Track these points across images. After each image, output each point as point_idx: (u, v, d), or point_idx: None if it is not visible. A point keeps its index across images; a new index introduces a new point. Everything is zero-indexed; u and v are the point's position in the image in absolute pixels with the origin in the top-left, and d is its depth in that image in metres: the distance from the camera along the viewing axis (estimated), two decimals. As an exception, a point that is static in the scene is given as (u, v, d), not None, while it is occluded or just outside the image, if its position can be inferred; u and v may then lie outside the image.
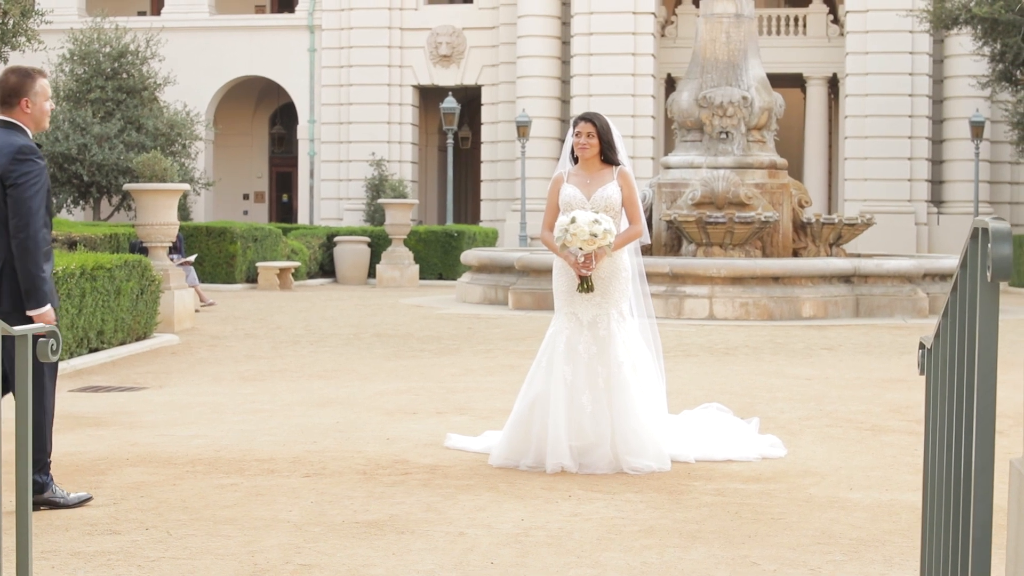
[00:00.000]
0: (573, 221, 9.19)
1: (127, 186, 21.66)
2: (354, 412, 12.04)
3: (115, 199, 41.23)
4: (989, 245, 3.43)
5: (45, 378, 7.84)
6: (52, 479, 7.96)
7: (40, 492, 7.74)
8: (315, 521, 7.60)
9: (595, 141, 9.53)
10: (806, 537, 7.31)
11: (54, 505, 7.85)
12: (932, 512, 4.78)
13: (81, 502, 7.99)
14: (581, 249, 9.25)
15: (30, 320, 7.61)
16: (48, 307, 7.68)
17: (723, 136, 26.86)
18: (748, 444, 9.88)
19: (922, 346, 5.03)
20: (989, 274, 3.45)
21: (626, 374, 9.34)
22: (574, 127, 9.58)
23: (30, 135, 7.91)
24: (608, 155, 9.53)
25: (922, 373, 5.04)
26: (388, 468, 9.25)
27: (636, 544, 7.13)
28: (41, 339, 5.32)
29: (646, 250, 10.20)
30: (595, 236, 9.16)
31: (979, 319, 3.62)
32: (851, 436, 10.86)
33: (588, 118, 9.61)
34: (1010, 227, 3.45)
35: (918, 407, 12.58)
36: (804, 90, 49.95)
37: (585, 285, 9.37)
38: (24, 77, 7.92)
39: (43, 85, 7.95)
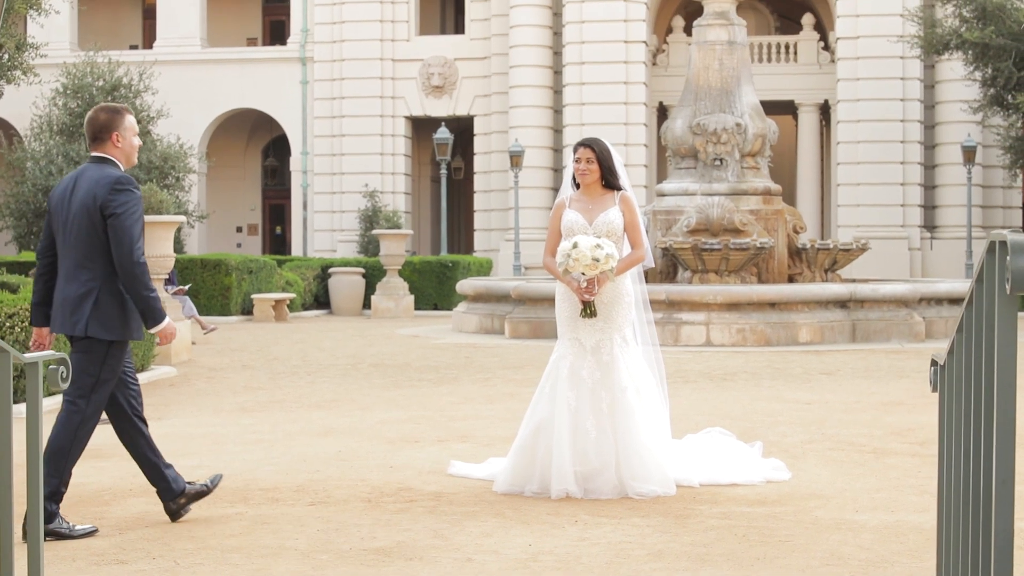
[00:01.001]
0: (575, 246, 9.20)
1: (123, 219, 21.63)
2: (356, 441, 12.02)
3: (109, 233, 41.20)
4: (1008, 257, 3.43)
5: (91, 409, 8.07)
6: (59, 511, 7.99)
7: (48, 522, 7.75)
8: (322, 549, 7.59)
9: (595, 166, 9.54)
10: (815, 559, 7.30)
11: (59, 536, 7.86)
12: (948, 529, 4.77)
13: (87, 534, 7.99)
14: (583, 274, 9.26)
15: (117, 343, 8.03)
16: (167, 321, 8.10)
17: (717, 163, 26.91)
18: (752, 468, 9.87)
19: (935, 363, 5.03)
20: (1008, 286, 3.45)
21: (630, 399, 9.33)
22: (574, 152, 9.60)
23: (122, 169, 8.20)
24: (609, 180, 9.54)
25: (935, 390, 5.04)
26: (393, 496, 9.23)
27: (645, 568, 7.12)
28: (51, 367, 5.32)
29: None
30: (597, 261, 9.17)
31: (998, 330, 3.62)
32: (854, 459, 10.85)
33: (587, 143, 9.62)
34: (1028, 240, 3.45)
35: (920, 429, 12.60)
36: (796, 117, 50.05)
37: (588, 310, 9.37)
38: (113, 114, 8.23)
39: (131, 121, 8.29)
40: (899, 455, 11.05)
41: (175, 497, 8.38)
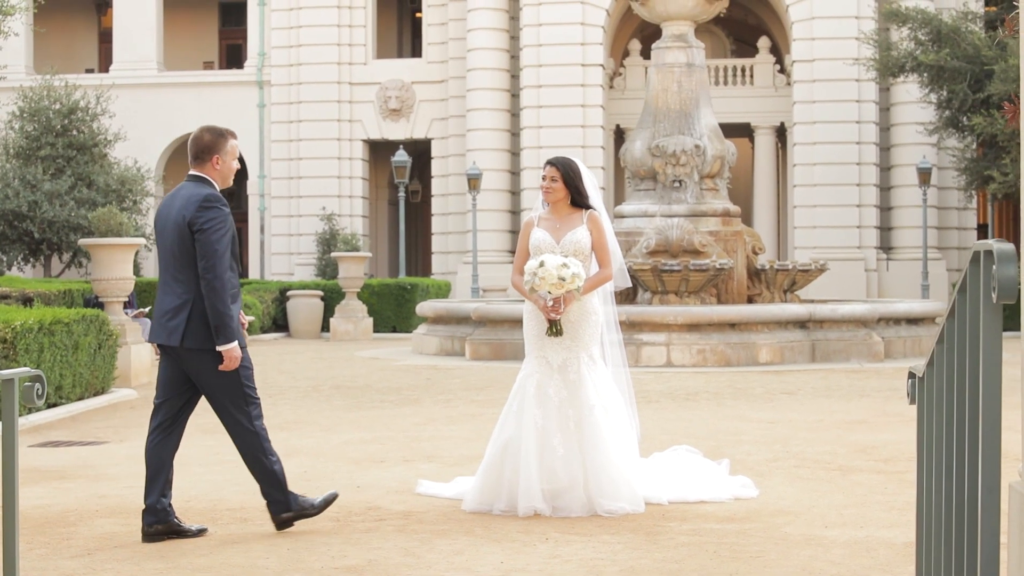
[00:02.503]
0: (542, 265, 9.21)
1: (82, 241, 21.56)
2: (320, 462, 11.99)
3: (66, 256, 41.00)
4: (995, 266, 3.46)
5: (248, 407, 8.60)
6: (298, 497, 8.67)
7: (288, 508, 8.58)
8: (293, 567, 7.56)
9: (559, 185, 9.56)
10: (787, 574, 7.32)
11: (304, 515, 8.63)
12: (928, 540, 4.79)
13: (327, 503, 8.76)
14: (550, 293, 9.26)
15: (215, 356, 8.33)
16: (235, 343, 8.33)
17: (676, 184, 26.98)
18: (720, 485, 9.89)
19: (912, 375, 5.05)
20: (995, 295, 3.48)
21: (597, 417, 9.34)
22: (543, 170, 9.63)
23: (217, 189, 8.52)
24: (577, 199, 9.56)
25: (913, 402, 5.06)
26: (361, 515, 9.21)
27: (618, 584, 7.12)
28: (26, 384, 5.30)
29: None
30: (563, 280, 9.18)
31: (983, 337, 3.64)
32: (820, 476, 10.89)
33: (553, 162, 9.65)
34: (1014, 249, 3.47)
35: (883, 447, 12.66)
36: (752, 139, 50.24)
37: (554, 329, 9.38)
38: (218, 136, 8.59)
39: (233, 145, 8.66)
40: (864, 472, 11.09)
41: (167, 520, 8.50)
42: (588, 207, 9.60)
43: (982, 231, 50.82)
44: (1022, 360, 4.21)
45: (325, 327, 37.75)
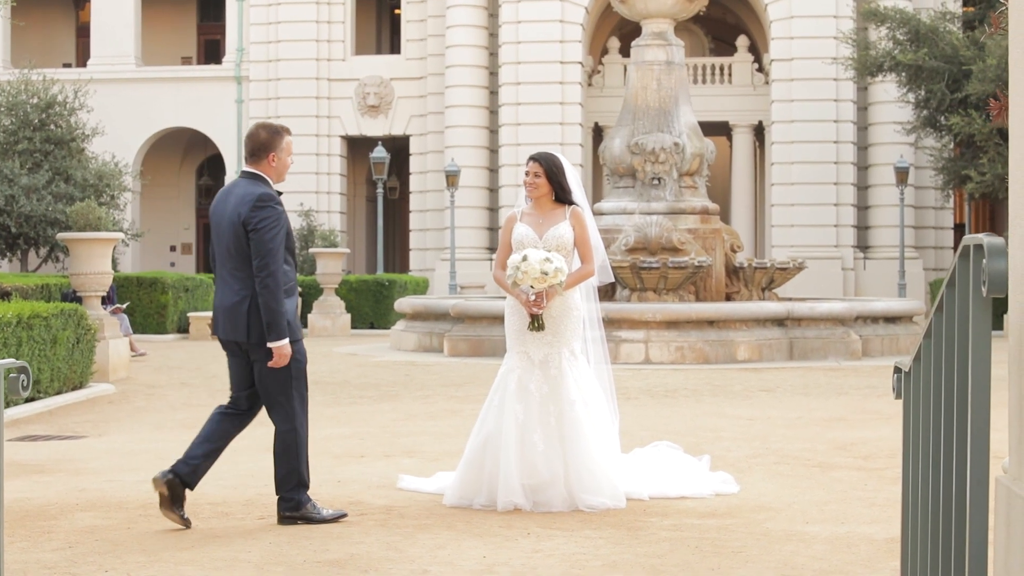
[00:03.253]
0: (525, 259, 9.21)
1: (61, 235, 21.52)
2: (301, 456, 11.96)
3: (43, 250, 40.85)
4: (985, 260, 3.47)
5: (296, 403, 8.69)
6: (309, 498, 8.74)
7: (296, 509, 8.62)
8: (276, 561, 7.56)
9: (542, 180, 9.56)
10: (769, 569, 7.34)
11: (309, 520, 8.60)
12: (914, 534, 4.80)
13: (336, 518, 8.71)
14: (532, 287, 9.27)
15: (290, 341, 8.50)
16: (286, 340, 8.49)
17: (655, 182, 27.01)
18: (701, 481, 9.91)
19: (898, 370, 5.07)
20: (984, 289, 3.49)
21: (578, 412, 9.34)
22: (526, 166, 9.63)
23: (272, 185, 8.66)
24: (560, 195, 9.57)
25: (898, 397, 5.08)
26: (343, 509, 9.20)
27: (601, 578, 7.14)
28: (11, 375, 5.30)
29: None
30: (546, 274, 9.18)
31: (972, 331, 3.65)
32: (800, 473, 10.92)
33: (536, 158, 9.65)
34: (1004, 242, 3.49)
35: (863, 444, 12.70)
36: (730, 138, 50.32)
37: (536, 324, 9.38)
38: (274, 134, 8.77)
39: (288, 142, 8.82)
40: (844, 469, 11.12)
41: (184, 483, 8.66)
42: (571, 203, 9.61)
43: (959, 231, 50.96)
44: (1008, 358, 4.23)
45: (303, 323, 37.69)
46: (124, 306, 27.58)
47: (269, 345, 8.48)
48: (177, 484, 8.57)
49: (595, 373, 9.66)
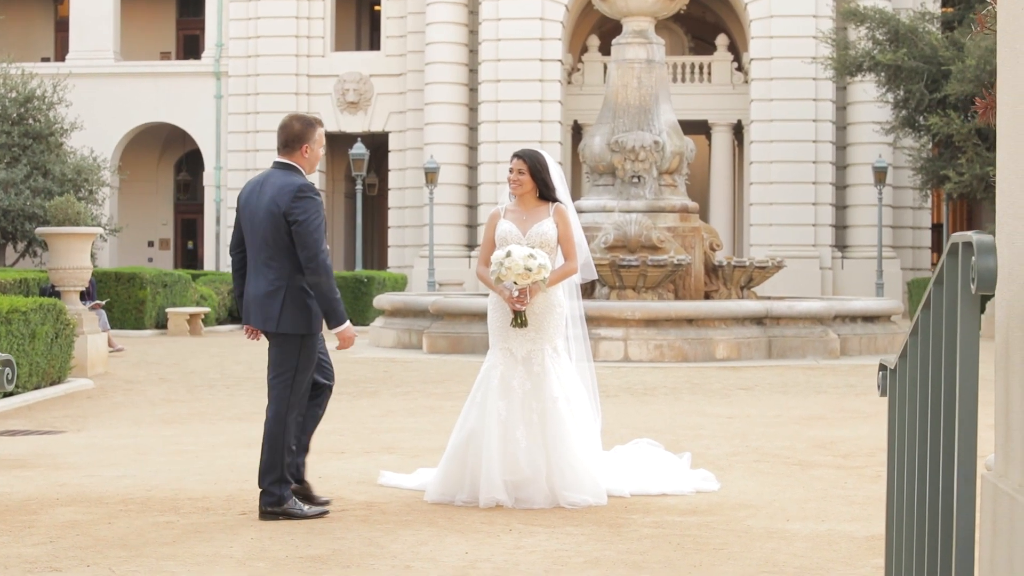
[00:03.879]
0: (508, 255, 9.22)
1: (40, 230, 21.46)
2: (281, 452, 11.94)
3: (21, 245, 40.76)
4: (974, 258, 3.48)
5: (295, 397, 8.83)
6: (292, 494, 8.78)
7: (278, 504, 8.65)
8: (258, 556, 7.55)
9: (526, 178, 9.56)
10: (751, 566, 7.35)
11: (291, 516, 8.63)
12: (899, 533, 4.82)
13: (319, 515, 8.75)
14: (516, 283, 9.27)
15: (309, 335, 8.73)
16: (348, 323, 8.81)
17: (635, 180, 27.03)
18: (682, 478, 9.93)
19: (883, 367, 5.08)
20: (974, 286, 3.50)
21: (561, 409, 9.35)
22: (510, 163, 9.64)
23: (305, 176, 8.82)
24: (544, 192, 9.58)
25: (884, 394, 5.09)
26: (324, 496, 9.20)
27: (583, 575, 7.14)
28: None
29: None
30: (529, 271, 9.19)
31: (960, 329, 3.67)
32: (780, 471, 10.94)
33: (520, 155, 9.65)
34: (993, 240, 3.51)
35: (842, 443, 12.73)
36: (709, 137, 50.38)
37: (519, 320, 9.39)
38: (307, 126, 8.90)
39: (321, 134, 8.95)
40: (824, 467, 11.15)
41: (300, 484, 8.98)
42: (555, 200, 9.62)
43: (937, 231, 51.12)
44: (995, 356, 4.25)
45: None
46: (104, 302, 27.51)
47: (332, 331, 8.78)
48: (299, 490, 8.90)
49: (578, 371, 9.67)
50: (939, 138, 37.13)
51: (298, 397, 8.86)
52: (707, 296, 26.68)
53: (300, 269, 8.67)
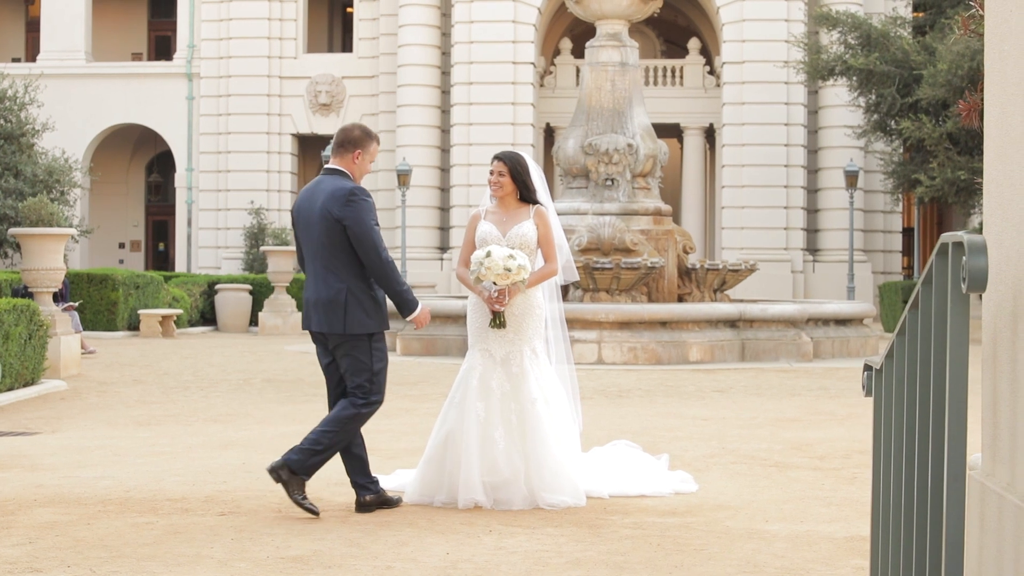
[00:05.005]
0: (488, 255, 9.24)
1: (13, 231, 21.38)
2: (258, 453, 11.95)
3: (-9, 246, 40.60)
4: (964, 257, 3.51)
5: (373, 395, 9.04)
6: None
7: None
8: (239, 557, 7.54)
9: (506, 179, 9.59)
10: (731, 567, 7.38)
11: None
12: (886, 531, 4.84)
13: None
14: (495, 284, 9.29)
15: (376, 334, 8.99)
16: (420, 308, 9.13)
17: (609, 183, 27.06)
18: (660, 479, 9.95)
19: (868, 368, 5.11)
20: (964, 286, 3.53)
21: (539, 410, 9.37)
22: (491, 164, 9.66)
23: (353, 180, 9.05)
24: (525, 194, 9.60)
25: (868, 395, 5.12)
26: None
27: (565, 575, 7.15)
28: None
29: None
30: (509, 271, 9.21)
31: (950, 328, 3.70)
32: (757, 472, 10.97)
33: (501, 157, 9.68)
34: (984, 240, 3.54)
35: (818, 444, 12.77)
36: (681, 140, 50.48)
37: (498, 321, 9.40)
38: (365, 135, 9.17)
39: (375, 149, 9.22)
40: (801, 469, 11.19)
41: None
42: (535, 202, 9.64)
43: (907, 235, 51.32)
44: (982, 357, 4.28)
45: (253, 321, 37.65)
46: (77, 304, 27.43)
47: (408, 319, 9.10)
48: (374, 494, 9.09)
49: (558, 373, 9.69)
50: (910, 142, 37.25)
51: (376, 396, 9.08)
52: (680, 299, 26.73)
53: (358, 271, 8.91)
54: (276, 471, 8.79)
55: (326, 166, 9.15)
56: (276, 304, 36.60)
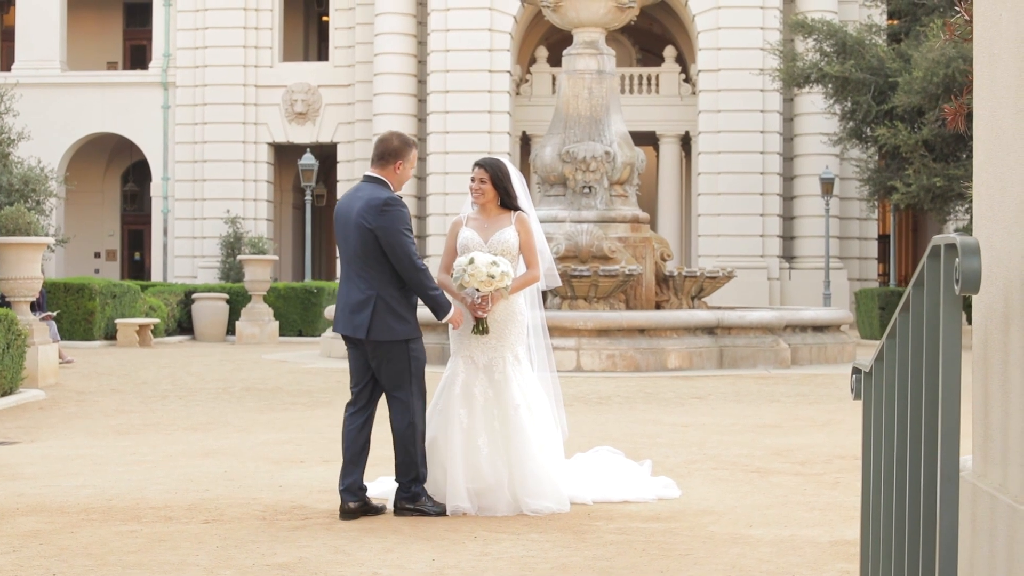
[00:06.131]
0: (471, 262, 9.24)
1: (-8, 239, 21.32)
2: (240, 462, 11.93)
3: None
4: (958, 259, 3.53)
5: (415, 400, 9.22)
6: (425, 490, 9.22)
7: (413, 501, 9.15)
8: (225, 564, 7.53)
9: (488, 186, 9.59)
10: (717, 571, 7.39)
11: (424, 513, 9.12)
12: (876, 535, 4.86)
13: (440, 513, 9.14)
14: (478, 290, 9.30)
15: (395, 347, 9.12)
16: (453, 309, 9.27)
17: (586, 191, 27.09)
18: (643, 485, 9.97)
19: (857, 371, 5.12)
20: (958, 287, 3.55)
21: (522, 417, 9.37)
22: (472, 171, 9.67)
23: (392, 190, 9.26)
24: (506, 201, 9.61)
25: (857, 398, 5.14)
26: (287, 513, 9.19)
27: (552, 580, 7.17)
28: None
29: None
30: (492, 277, 9.21)
31: (943, 330, 3.71)
32: (739, 478, 10.99)
33: (482, 164, 9.68)
34: (977, 241, 3.55)
35: (799, 450, 12.80)
36: (657, 148, 50.53)
37: (480, 327, 9.41)
38: (404, 144, 9.37)
39: (415, 155, 9.45)
40: (782, 474, 11.21)
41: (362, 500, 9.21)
42: (517, 208, 9.65)
43: (883, 242, 51.46)
44: (972, 358, 4.30)
45: (230, 330, 37.57)
46: (55, 314, 27.36)
47: (442, 321, 9.27)
48: (360, 502, 9.12)
49: (540, 380, 9.70)
50: (886, 149, 37.38)
51: (420, 398, 9.25)
52: (658, 306, 26.75)
53: (391, 279, 9.11)
54: (399, 511, 9.18)
55: (366, 173, 9.39)
56: (253, 313, 36.55)
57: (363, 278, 9.15)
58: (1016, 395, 3.80)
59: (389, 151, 9.30)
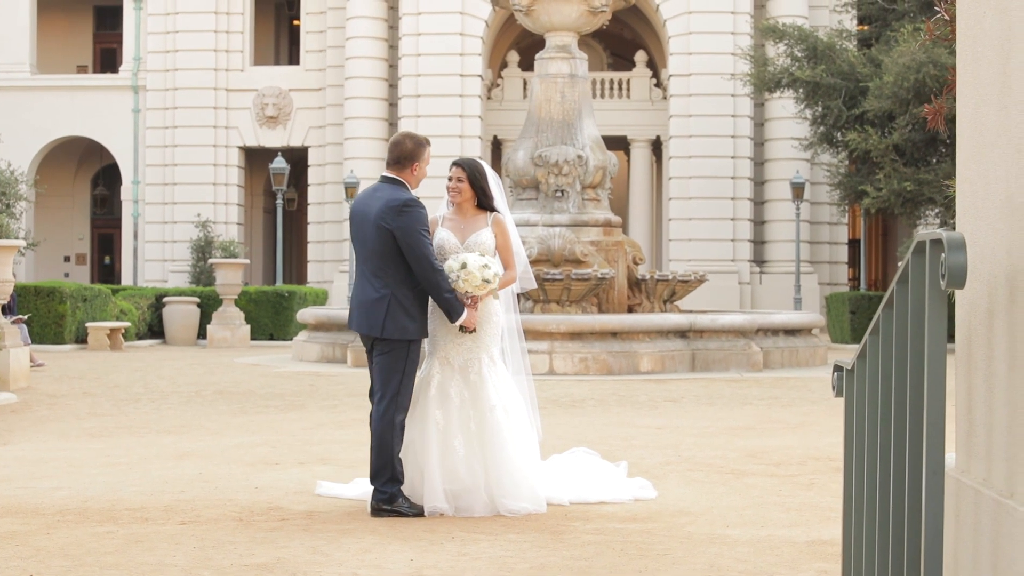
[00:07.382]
0: (464, 266, 9.23)
1: (-38, 242, 21.20)
2: (214, 464, 11.90)
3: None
4: (943, 254, 3.55)
5: (402, 399, 9.31)
6: (401, 492, 9.23)
7: (390, 502, 9.17)
8: (202, 565, 7.51)
9: (465, 186, 9.60)
10: (695, 571, 7.41)
11: (400, 514, 9.12)
12: (859, 533, 4.88)
13: (417, 515, 9.14)
14: (468, 293, 9.30)
15: (414, 342, 9.29)
16: (467, 311, 9.28)
17: (558, 194, 27.11)
18: (620, 486, 9.98)
19: (839, 368, 5.14)
20: (944, 282, 3.57)
21: (498, 417, 9.38)
22: (449, 171, 9.67)
23: (410, 191, 9.39)
24: (483, 201, 9.61)
25: (839, 395, 5.16)
26: (264, 515, 9.17)
27: (531, 580, 7.17)
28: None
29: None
30: (487, 282, 9.26)
31: (928, 324, 3.73)
32: (714, 479, 11.02)
33: (460, 163, 9.70)
34: (963, 237, 3.57)
35: (773, 452, 12.84)
36: (628, 152, 50.60)
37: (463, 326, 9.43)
38: (418, 145, 9.49)
39: (429, 153, 9.59)
40: (757, 475, 11.24)
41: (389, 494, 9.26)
42: (493, 209, 9.65)
43: (853, 246, 51.61)
44: (956, 355, 4.32)
45: (201, 334, 37.48)
46: (26, 317, 27.26)
47: (456, 323, 9.29)
48: (385, 501, 9.21)
49: (516, 383, 9.71)
50: (857, 154, 37.47)
51: (404, 400, 9.31)
52: (630, 309, 26.78)
53: (406, 279, 9.23)
54: (376, 512, 9.20)
55: (384, 174, 9.48)
56: (224, 317, 36.46)
57: (379, 277, 9.26)
58: (1001, 389, 3.82)
59: (404, 155, 9.42)
